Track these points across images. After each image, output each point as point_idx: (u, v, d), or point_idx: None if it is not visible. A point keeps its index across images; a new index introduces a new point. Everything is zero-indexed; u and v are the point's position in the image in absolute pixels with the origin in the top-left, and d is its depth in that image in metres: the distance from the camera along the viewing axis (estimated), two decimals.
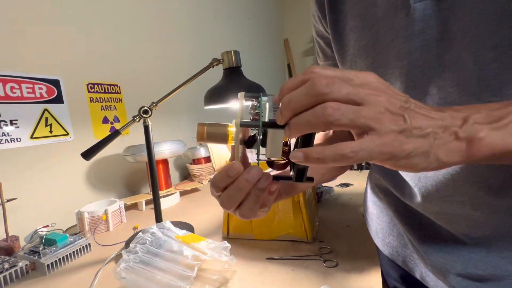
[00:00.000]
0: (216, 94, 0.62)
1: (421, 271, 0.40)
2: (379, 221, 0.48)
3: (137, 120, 0.60)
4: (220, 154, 0.83)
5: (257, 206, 0.27)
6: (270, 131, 0.25)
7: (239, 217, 0.28)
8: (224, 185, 0.26)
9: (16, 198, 0.72)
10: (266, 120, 0.25)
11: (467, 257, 0.33)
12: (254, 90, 0.63)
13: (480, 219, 0.31)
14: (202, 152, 1.20)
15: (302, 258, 0.52)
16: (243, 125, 0.26)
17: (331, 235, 0.60)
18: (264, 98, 0.27)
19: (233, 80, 0.62)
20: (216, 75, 0.71)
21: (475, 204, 0.30)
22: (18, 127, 0.75)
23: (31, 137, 0.78)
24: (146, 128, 0.60)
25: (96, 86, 0.97)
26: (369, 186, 0.52)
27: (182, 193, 1.04)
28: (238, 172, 0.26)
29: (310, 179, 0.28)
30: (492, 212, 0.30)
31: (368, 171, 0.85)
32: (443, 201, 0.32)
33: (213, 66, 0.65)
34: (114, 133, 0.58)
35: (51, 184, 0.83)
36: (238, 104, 0.29)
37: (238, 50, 0.65)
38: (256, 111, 0.27)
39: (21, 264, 0.56)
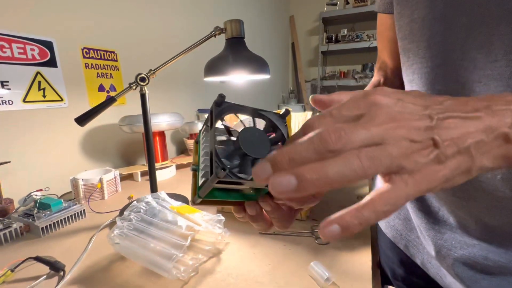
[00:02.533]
0: (216, 65, 0.60)
1: (423, 257, 0.39)
2: None
3: (134, 87, 0.57)
4: None
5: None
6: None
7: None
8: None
9: (9, 162, 0.71)
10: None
11: (477, 247, 0.31)
12: (256, 63, 0.61)
13: (506, 198, 0.28)
14: (199, 127, 1.18)
15: (294, 235, 0.53)
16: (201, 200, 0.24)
17: (324, 215, 0.60)
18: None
19: (236, 51, 0.59)
20: (217, 48, 0.68)
21: (505, 178, 0.27)
22: (9, 89, 0.72)
23: (24, 101, 0.76)
24: (143, 97, 0.58)
25: (91, 51, 0.93)
26: None
27: (178, 167, 1.04)
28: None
29: None
30: None
31: None
32: None
33: (215, 35, 0.61)
34: (110, 100, 0.56)
35: (45, 149, 0.82)
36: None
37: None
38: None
39: (15, 225, 0.56)
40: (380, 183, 0.17)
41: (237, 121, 0.28)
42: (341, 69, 3.05)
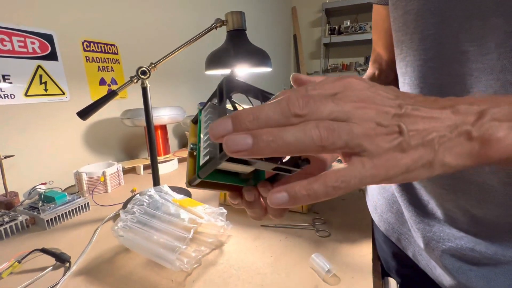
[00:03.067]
0: (218, 58, 0.59)
1: (414, 250, 0.40)
2: (379, 197, 0.48)
3: (135, 81, 0.57)
4: None
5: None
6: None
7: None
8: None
9: (13, 155, 0.71)
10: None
11: (465, 239, 0.32)
12: (258, 56, 0.60)
13: (494, 190, 0.28)
14: None
15: (296, 227, 0.53)
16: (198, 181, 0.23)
17: (326, 208, 0.61)
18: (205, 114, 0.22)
19: (237, 43, 0.59)
20: (219, 40, 0.67)
21: (493, 171, 0.27)
22: (11, 82, 0.72)
23: (26, 95, 0.76)
24: (144, 90, 0.58)
25: (92, 44, 0.92)
26: None
27: (180, 160, 1.04)
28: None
29: (307, 161, 0.26)
30: (511, 184, 0.27)
31: None
32: None
33: (216, 28, 0.61)
34: (111, 93, 0.56)
35: (48, 143, 0.82)
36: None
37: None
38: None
39: (21, 218, 0.57)
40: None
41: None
42: (344, 62, 3.02)
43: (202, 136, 0.24)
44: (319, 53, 2.94)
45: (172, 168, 0.96)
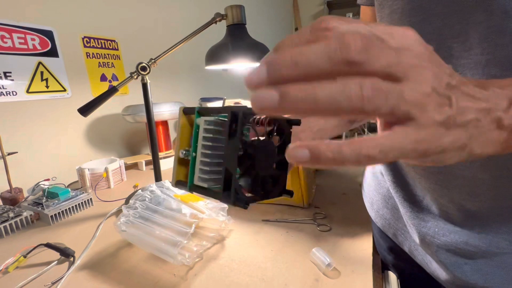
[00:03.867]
0: (218, 53, 0.59)
1: (410, 245, 0.41)
2: (375, 193, 0.48)
3: (135, 77, 0.57)
4: None
5: None
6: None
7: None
8: None
9: (16, 152, 0.72)
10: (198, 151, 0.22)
11: (459, 233, 0.32)
12: (258, 50, 0.60)
13: (485, 184, 0.29)
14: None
15: (297, 222, 0.53)
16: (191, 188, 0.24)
17: (326, 202, 0.61)
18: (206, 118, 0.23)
19: (237, 38, 0.58)
20: (218, 36, 0.66)
21: (488, 163, 0.27)
22: (12, 79, 0.73)
23: (27, 92, 0.76)
24: (145, 86, 0.58)
25: (92, 40, 0.92)
26: None
27: None
28: None
29: (290, 194, 0.25)
30: (501, 176, 0.27)
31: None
32: None
33: (215, 22, 0.60)
34: (111, 90, 0.56)
35: (51, 140, 0.83)
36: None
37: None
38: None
39: (25, 214, 0.58)
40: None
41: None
42: None
43: (200, 149, 0.24)
44: None
45: None
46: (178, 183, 0.26)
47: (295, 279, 0.39)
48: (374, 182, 0.49)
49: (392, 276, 0.46)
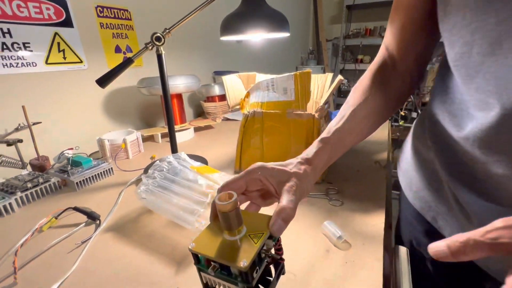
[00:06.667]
0: (233, 23, 0.57)
1: (452, 231, 0.38)
2: (415, 174, 0.45)
3: (150, 47, 0.56)
4: (235, 91, 0.80)
5: None
6: None
7: None
8: None
9: (40, 122, 0.75)
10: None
11: None
12: (276, 19, 0.57)
13: None
14: (216, 90, 1.17)
15: (309, 196, 0.54)
16: None
17: (340, 178, 0.61)
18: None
19: (254, 6, 0.55)
20: (234, 6, 0.63)
21: None
22: (31, 50, 0.74)
23: (46, 63, 0.77)
24: (160, 57, 0.57)
25: (105, 10, 0.90)
26: (413, 136, 0.48)
27: (196, 129, 1.06)
28: None
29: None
30: None
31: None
32: None
33: None
34: (127, 61, 0.56)
35: (71, 110, 0.86)
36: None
37: None
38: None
39: (53, 180, 0.62)
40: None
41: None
42: (367, 26, 2.80)
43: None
44: (340, 17, 2.73)
45: (189, 136, 0.99)
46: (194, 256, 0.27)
47: (306, 249, 0.40)
48: (418, 162, 0.45)
49: (403, 250, 0.47)
